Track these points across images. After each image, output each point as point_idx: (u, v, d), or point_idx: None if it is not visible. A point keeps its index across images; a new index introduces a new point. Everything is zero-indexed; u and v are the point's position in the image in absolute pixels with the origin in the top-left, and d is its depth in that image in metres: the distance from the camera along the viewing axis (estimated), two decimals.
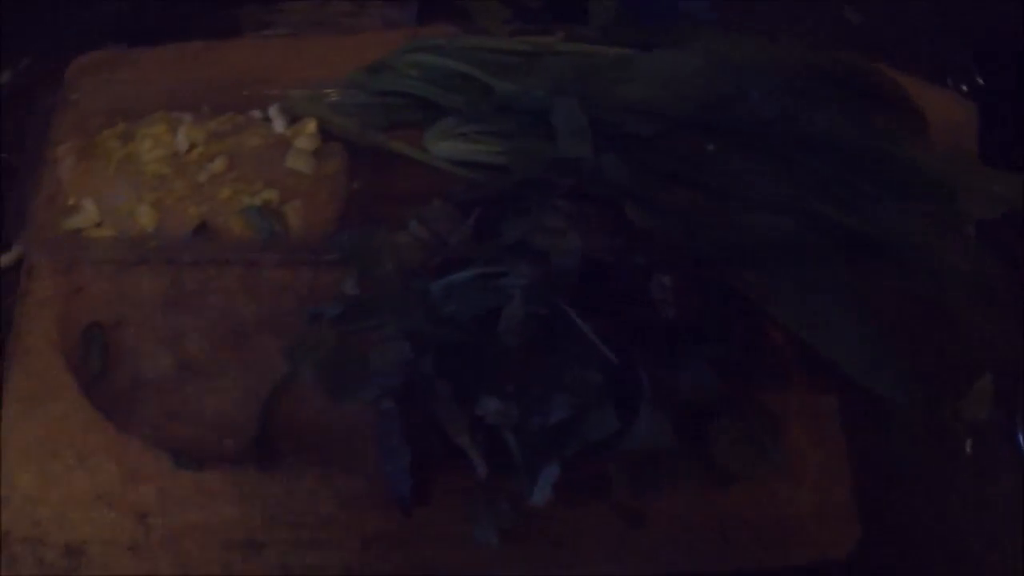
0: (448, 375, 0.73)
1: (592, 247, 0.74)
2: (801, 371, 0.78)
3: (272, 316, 0.82)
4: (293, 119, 0.87)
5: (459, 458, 0.73)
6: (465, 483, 0.74)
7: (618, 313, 0.73)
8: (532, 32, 0.85)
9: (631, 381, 0.72)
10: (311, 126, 0.85)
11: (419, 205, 0.81)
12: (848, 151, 0.77)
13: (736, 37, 0.81)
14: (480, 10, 0.87)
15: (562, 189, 0.75)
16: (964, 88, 0.91)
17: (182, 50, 0.94)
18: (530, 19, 0.90)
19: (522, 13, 0.92)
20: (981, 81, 0.91)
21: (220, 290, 0.83)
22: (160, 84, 0.90)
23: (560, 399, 0.71)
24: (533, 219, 0.75)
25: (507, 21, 0.88)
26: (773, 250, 0.76)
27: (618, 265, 0.74)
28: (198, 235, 0.82)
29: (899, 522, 0.77)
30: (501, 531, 0.73)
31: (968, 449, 0.79)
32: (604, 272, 0.74)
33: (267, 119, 0.87)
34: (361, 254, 0.79)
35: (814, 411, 0.78)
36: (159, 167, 0.84)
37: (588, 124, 0.74)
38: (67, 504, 0.76)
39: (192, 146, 0.84)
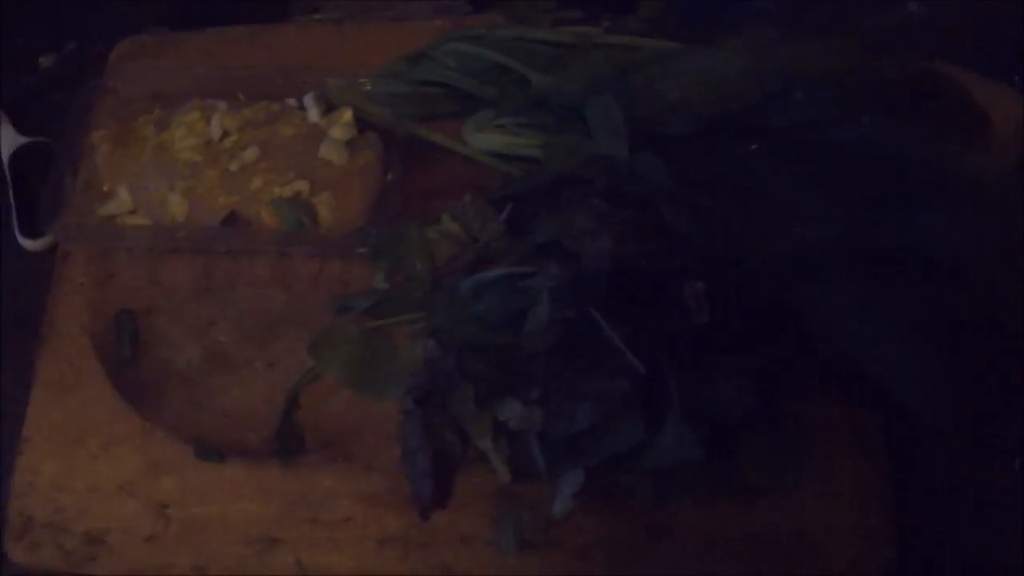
0: (472, 376, 0.72)
1: (624, 250, 0.71)
2: (842, 384, 0.75)
3: (301, 308, 0.81)
4: (329, 108, 0.85)
5: (482, 462, 0.72)
6: (486, 488, 0.72)
7: (648, 319, 0.71)
8: (575, 22, 0.83)
9: (659, 390, 0.69)
10: (347, 115, 0.83)
11: (453, 198, 0.79)
12: (895, 158, 0.73)
13: (784, 34, 0.77)
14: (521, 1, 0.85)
15: (596, 188, 0.73)
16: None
17: (223, 35, 0.94)
18: (578, 6, 0.87)
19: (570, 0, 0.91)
20: None
21: (250, 281, 0.82)
22: (199, 70, 0.89)
23: (585, 407, 0.69)
24: (565, 218, 0.73)
25: (554, 8, 0.85)
26: (818, 260, 0.73)
27: (650, 269, 0.71)
28: (227, 225, 0.81)
29: (938, 545, 0.74)
30: (521, 539, 0.72)
31: (1017, 468, 0.76)
32: (636, 276, 0.71)
33: (302, 108, 0.86)
34: (391, 248, 0.78)
35: (854, 426, 0.75)
36: (192, 155, 0.83)
37: (624, 121, 0.72)
38: (90, 492, 0.76)
39: (225, 134, 0.84)
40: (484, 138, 0.81)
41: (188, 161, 0.83)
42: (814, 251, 0.73)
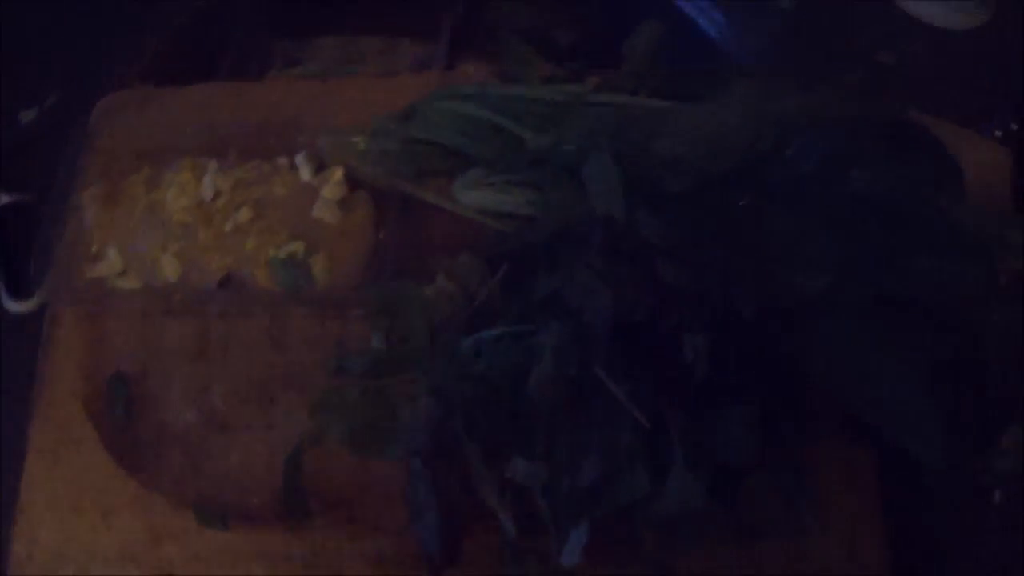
0: (477, 434, 0.72)
1: (624, 305, 0.73)
2: (835, 426, 0.78)
3: (298, 370, 0.81)
4: (320, 167, 0.85)
5: (488, 517, 0.72)
6: (495, 542, 0.73)
7: (650, 372, 0.72)
8: (565, 79, 0.84)
9: (663, 442, 0.71)
10: (337, 175, 0.84)
11: (447, 255, 0.80)
12: (885, 207, 0.76)
13: (772, 87, 0.79)
14: (512, 57, 0.86)
15: (594, 245, 0.74)
16: (998, 133, 0.89)
17: (209, 91, 0.93)
18: (561, 58, 0.89)
19: (552, 51, 0.92)
20: (1015, 126, 0.89)
21: (245, 342, 0.82)
22: (186, 127, 0.89)
23: (590, 461, 0.70)
24: (564, 275, 0.74)
25: (538, 63, 0.87)
26: (809, 307, 0.75)
27: (650, 324, 0.73)
28: (223, 287, 0.81)
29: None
30: None
31: (996, 499, 0.79)
32: (636, 331, 0.73)
33: (294, 166, 0.85)
34: (388, 308, 0.78)
35: (848, 465, 0.78)
36: (184, 215, 0.83)
37: (621, 180, 0.73)
38: (91, 561, 0.76)
39: (218, 194, 0.83)
40: (475, 195, 0.81)
41: (181, 222, 0.83)
42: (807, 298, 0.75)
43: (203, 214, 0.83)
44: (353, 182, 0.85)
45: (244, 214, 0.82)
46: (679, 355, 0.73)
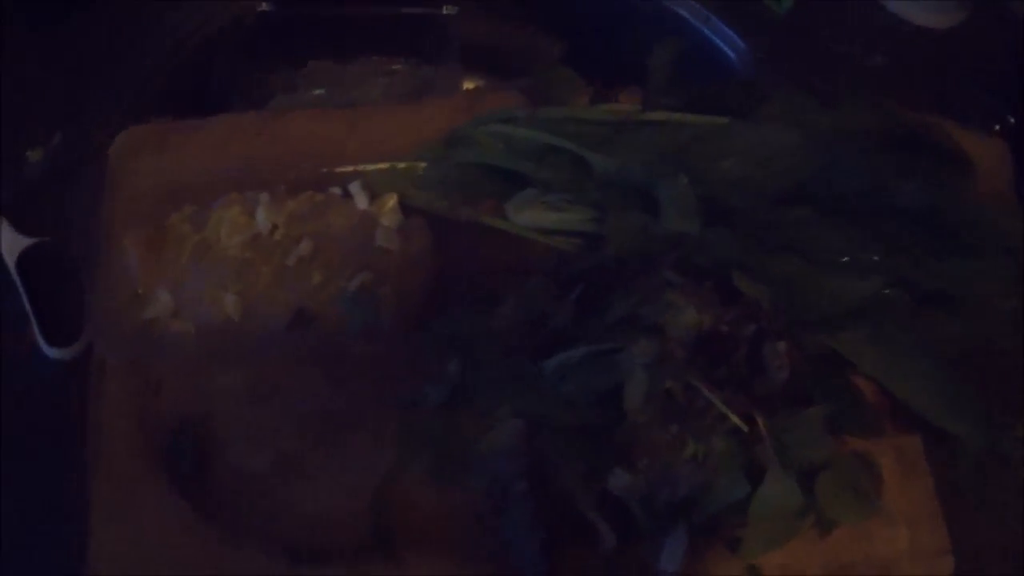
0: (574, 453, 0.74)
1: (707, 319, 0.76)
2: (889, 418, 0.83)
3: (369, 403, 0.80)
4: (372, 195, 0.85)
5: (584, 531, 0.74)
6: (591, 555, 0.74)
7: (735, 381, 0.76)
8: (603, 98, 0.86)
9: (755, 445, 0.74)
10: (392, 202, 0.84)
11: (505, 276, 0.81)
12: (917, 212, 0.81)
13: (804, 104, 0.83)
14: (556, 81, 0.87)
15: (669, 263, 0.77)
16: (996, 128, 0.95)
17: (233, 124, 0.90)
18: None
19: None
20: (1012, 120, 0.95)
21: (310, 382, 0.80)
22: (219, 161, 0.86)
23: (687, 469, 0.73)
24: (645, 294, 0.76)
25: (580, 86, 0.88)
26: (859, 309, 0.80)
27: (731, 335, 0.76)
28: (296, 323, 0.80)
29: (990, 550, 0.82)
30: None
31: None
32: (718, 342, 0.76)
33: (346, 195, 0.85)
34: (460, 337, 0.79)
35: (901, 452, 0.82)
36: (241, 252, 0.81)
37: (697, 200, 0.76)
38: None
39: (274, 227, 0.82)
40: (529, 215, 0.83)
41: (238, 258, 0.81)
42: (856, 301, 0.80)
43: (261, 249, 0.81)
44: (406, 208, 0.85)
45: (306, 246, 0.81)
46: (761, 362, 0.77)
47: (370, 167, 0.85)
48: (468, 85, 0.99)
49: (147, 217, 0.85)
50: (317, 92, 0.98)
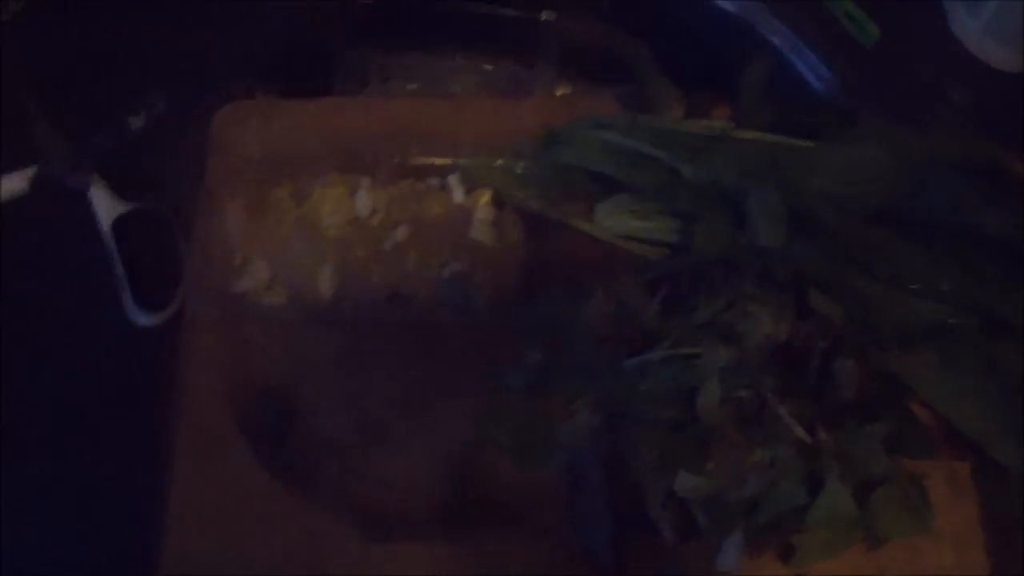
0: (648, 449, 0.78)
1: (781, 331, 0.79)
2: (940, 439, 0.86)
3: (453, 380, 0.83)
4: (468, 188, 0.89)
5: (648, 524, 0.77)
6: (654, 549, 0.77)
7: (804, 393, 0.79)
8: (696, 112, 0.89)
9: (815, 457, 0.78)
10: (486, 196, 0.87)
11: (590, 276, 0.84)
12: (994, 241, 0.84)
13: (891, 129, 0.87)
14: (651, 89, 0.91)
15: (751, 274, 0.80)
16: None
17: (337, 104, 0.94)
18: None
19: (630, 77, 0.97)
20: None
21: (398, 352, 0.84)
22: (321, 140, 0.89)
23: (753, 475, 0.77)
24: (728, 302, 0.80)
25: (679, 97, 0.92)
26: (926, 333, 0.83)
27: (804, 348, 0.79)
28: (391, 303, 0.83)
29: None
30: None
31: None
32: (791, 354, 0.79)
33: (444, 187, 0.88)
34: (548, 325, 0.82)
35: (952, 475, 0.85)
36: (340, 231, 0.84)
37: (784, 214, 0.79)
38: (247, 570, 0.76)
39: (373, 211, 0.86)
40: (617, 220, 0.86)
41: (337, 236, 0.84)
42: (923, 324, 0.83)
43: (360, 230, 0.85)
44: (499, 203, 0.88)
45: (403, 232, 0.85)
46: (829, 376, 0.80)
47: (468, 161, 0.88)
48: (561, 91, 1.02)
49: (248, 187, 0.88)
50: (411, 85, 1.01)
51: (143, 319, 0.86)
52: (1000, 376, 0.84)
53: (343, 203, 0.86)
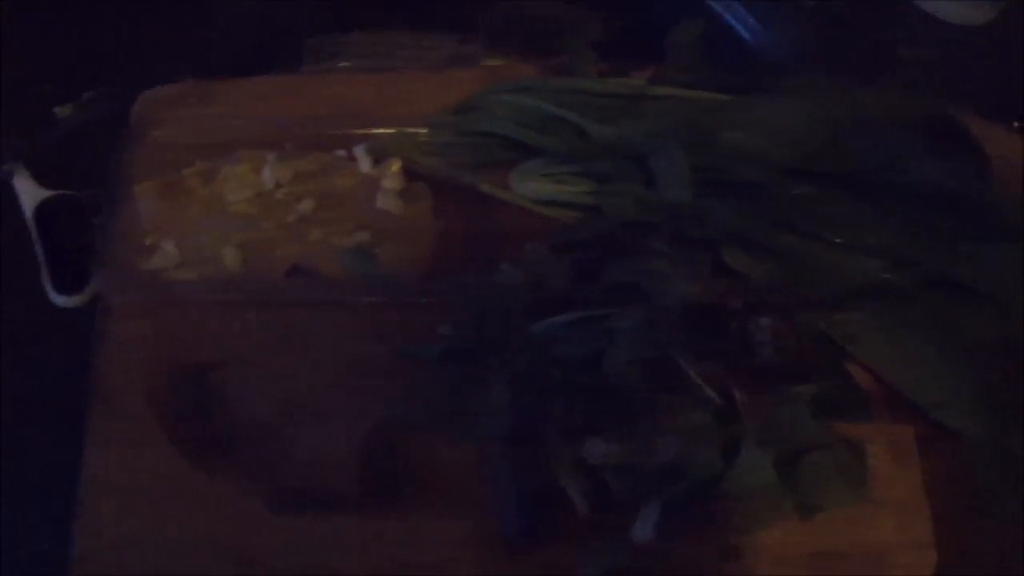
0: (554, 417, 0.75)
1: (694, 291, 0.76)
2: (880, 404, 0.82)
3: (368, 358, 0.81)
4: (377, 159, 0.87)
5: (566, 497, 0.75)
6: (572, 521, 0.74)
7: (718, 355, 0.76)
8: (615, 73, 0.87)
9: (732, 422, 0.74)
10: (396, 166, 0.85)
11: (505, 245, 0.82)
12: (937, 195, 0.80)
13: (821, 84, 0.83)
14: (566, 53, 0.88)
15: (662, 233, 0.77)
16: (1016, 124, 0.94)
17: (261, 85, 0.93)
18: (606, 57, 0.91)
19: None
20: None
21: (314, 332, 0.82)
22: (238, 120, 0.89)
23: (665, 441, 0.73)
24: (635, 263, 0.77)
25: (595, 60, 0.89)
26: (860, 292, 0.79)
27: (718, 308, 0.76)
28: (290, 277, 0.82)
29: (975, 547, 0.81)
30: (606, 570, 0.75)
31: None
32: (704, 315, 0.76)
33: (352, 158, 0.87)
34: (459, 297, 0.80)
35: (893, 441, 0.81)
36: (245, 207, 0.83)
37: (689, 170, 0.76)
38: (158, 555, 0.75)
39: (278, 185, 0.84)
40: (532, 186, 0.84)
41: (242, 213, 0.83)
42: (859, 283, 0.80)
43: (264, 205, 0.83)
44: (411, 174, 0.87)
45: (307, 205, 0.83)
46: (745, 338, 0.77)
47: (378, 131, 0.87)
48: (497, 62, 1.00)
49: (164, 170, 0.87)
50: (348, 63, 1.00)
51: (61, 301, 0.87)
52: (946, 338, 0.80)
53: (248, 179, 0.84)
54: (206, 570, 0.74)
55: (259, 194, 0.84)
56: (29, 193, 0.90)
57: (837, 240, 0.79)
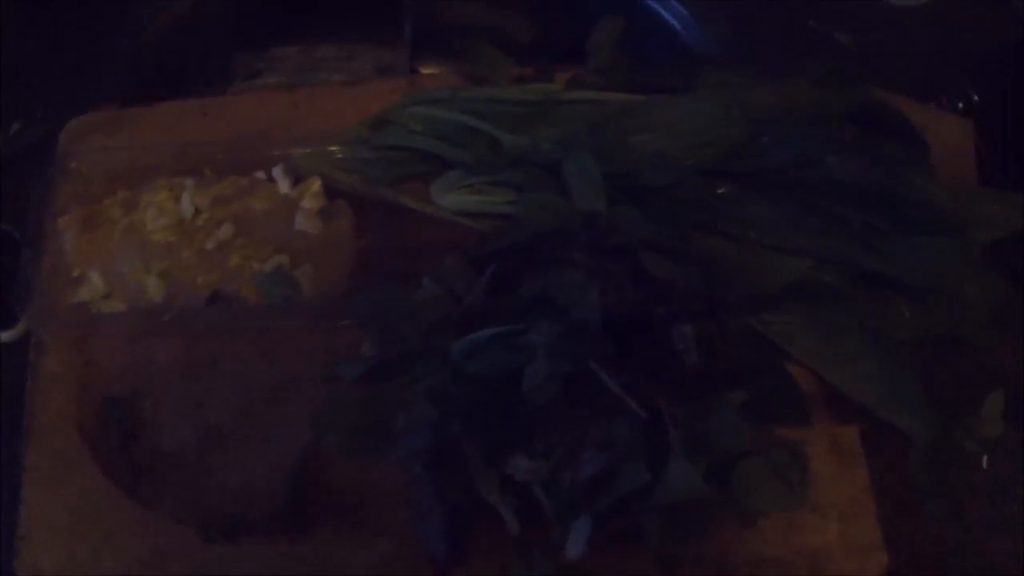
0: (476, 434, 0.73)
1: (612, 300, 0.74)
2: (822, 406, 0.79)
3: (291, 382, 0.81)
4: (297, 178, 0.86)
5: (493, 515, 0.73)
6: (501, 540, 0.73)
7: (641, 364, 0.73)
8: (533, 79, 0.85)
9: (659, 432, 0.72)
10: (316, 185, 0.84)
11: (429, 258, 0.80)
12: (860, 189, 0.77)
13: (740, 77, 0.81)
14: (480, 60, 0.87)
15: (578, 243, 0.75)
16: (960, 106, 0.91)
17: (178, 109, 0.92)
18: (523, 58, 0.89)
19: (513, 50, 0.92)
20: (976, 98, 0.91)
21: (236, 358, 0.82)
22: (156, 146, 0.88)
23: (590, 455, 0.71)
24: (551, 274, 0.75)
25: (512, 65, 0.87)
26: (790, 291, 0.77)
27: (638, 316, 0.74)
28: (211, 304, 0.81)
29: (924, 547, 0.78)
30: None
31: (984, 466, 0.81)
32: (625, 324, 0.74)
33: (271, 180, 0.86)
34: (378, 315, 0.78)
35: (836, 443, 0.79)
36: (165, 235, 0.82)
37: (601, 177, 0.74)
38: None
39: (197, 212, 0.83)
40: (453, 198, 0.82)
41: (162, 242, 0.82)
42: (788, 282, 0.77)
43: (184, 233, 0.83)
44: (331, 191, 0.85)
45: (226, 231, 0.82)
46: (668, 345, 0.75)
47: (296, 150, 0.85)
48: (429, 70, 0.98)
49: (88, 201, 0.87)
50: (278, 79, 0.99)
51: None
52: (882, 335, 0.78)
53: (168, 207, 0.83)
54: None
55: (179, 221, 0.83)
56: None
57: (760, 240, 0.76)
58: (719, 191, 0.77)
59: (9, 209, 0.90)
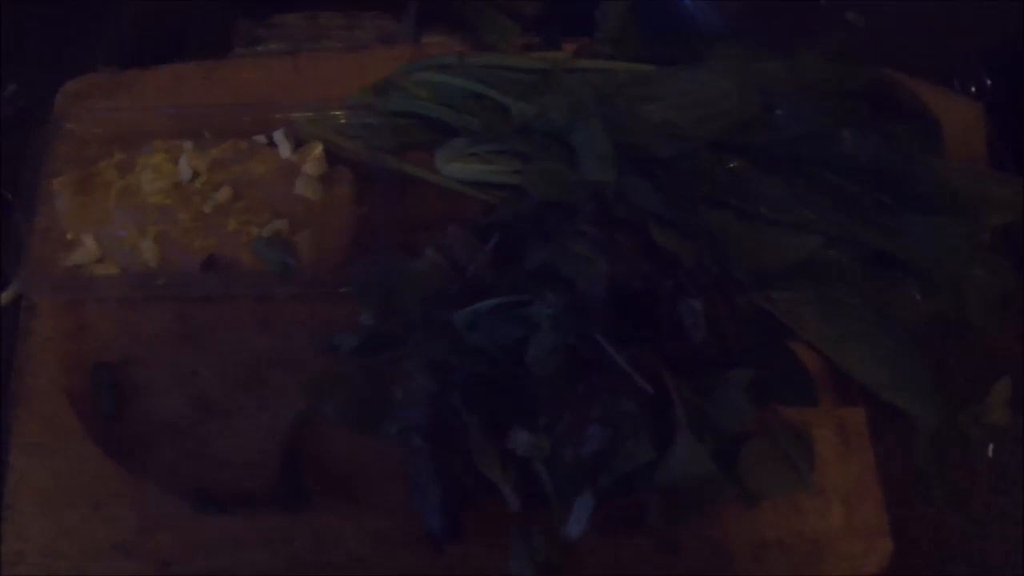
0: (476, 407, 0.72)
1: (619, 273, 0.72)
2: (828, 387, 0.78)
3: (288, 350, 0.80)
4: (298, 143, 0.84)
5: (492, 492, 0.71)
6: (499, 517, 0.71)
7: (648, 339, 0.72)
8: (540, 47, 0.83)
9: (665, 409, 0.71)
10: (317, 150, 0.82)
11: (431, 228, 0.79)
12: (872, 166, 0.76)
13: (752, 51, 0.79)
14: (487, 26, 0.85)
15: (586, 214, 0.74)
16: (972, 89, 0.90)
17: (177, 72, 0.91)
18: (529, 28, 0.88)
19: (519, 20, 0.91)
20: (988, 82, 0.90)
21: (231, 325, 0.81)
22: (155, 109, 0.87)
23: (593, 430, 0.70)
24: (557, 245, 0.73)
25: (519, 33, 0.86)
26: (799, 269, 0.76)
27: (646, 290, 0.72)
28: (207, 269, 0.79)
29: (926, 533, 0.77)
30: (536, 565, 0.72)
31: (990, 454, 0.80)
32: (632, 298, 0.72)
33: (272, 144, 0.84)
34: (378, 284, 0.77)
35: (842, 426, 0.78)
36: (161, 198, 0.80)
37: (611, 146, 0.73)
38: (84, 556, 0.73)
39: (195, 175, 0.81)
40: (457, 167, 0.81)
41: (158, 205, 0.80)
42: (797, 259, 0.76)
43: (181, 196, 0.80)
44: (333, 157, 0.84)
45: (224, 194, 0.80)
46: (675, 320, 0.73)
47: (299, 115, 0.84)
48: (432, 39, 0.97)
49: (83, 164, 0.85)
50: (279, 45, 0.97)
51: None
52: (890, 316, 0.77)
53: (165, 170, 0.81)
54: (132, 570, 0.73)
55: (176, 184, 0.81)
56: None
57: (770, 216, 0.75)
58: (730, 165, 0.76)
59: (3, 171, 0.88)
